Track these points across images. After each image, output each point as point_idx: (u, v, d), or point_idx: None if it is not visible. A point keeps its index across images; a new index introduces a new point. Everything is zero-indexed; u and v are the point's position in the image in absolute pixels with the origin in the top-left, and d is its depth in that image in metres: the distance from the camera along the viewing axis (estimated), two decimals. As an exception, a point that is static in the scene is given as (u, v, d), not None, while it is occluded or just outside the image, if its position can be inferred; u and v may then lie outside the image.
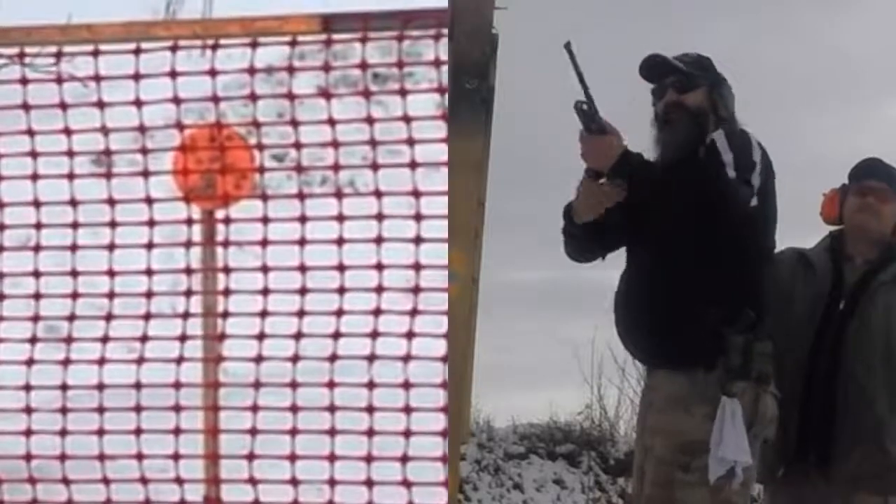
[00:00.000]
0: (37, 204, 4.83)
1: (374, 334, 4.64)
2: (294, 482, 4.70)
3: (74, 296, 4.82)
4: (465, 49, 4.58)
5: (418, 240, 4.63)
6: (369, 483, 4.64)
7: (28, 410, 4.82)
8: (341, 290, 4.69)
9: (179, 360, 4.78)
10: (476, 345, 4.81)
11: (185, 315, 4.82)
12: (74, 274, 4.82)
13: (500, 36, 4.76)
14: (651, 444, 4.45)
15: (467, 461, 11.49)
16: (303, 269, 4.71)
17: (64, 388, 4.82)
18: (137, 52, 4.68)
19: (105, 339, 4.80)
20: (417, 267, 4.63)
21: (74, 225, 4.82)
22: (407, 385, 4.62)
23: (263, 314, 4.73)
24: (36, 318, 4.84)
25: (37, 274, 4.85)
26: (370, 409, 4.63)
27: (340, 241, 4.69)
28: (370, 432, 4.64)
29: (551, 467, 12.00)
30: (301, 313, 4.71)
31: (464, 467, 11.24)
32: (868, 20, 16.47)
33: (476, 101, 4.59)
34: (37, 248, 4.85)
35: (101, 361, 4.80)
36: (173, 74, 4.68)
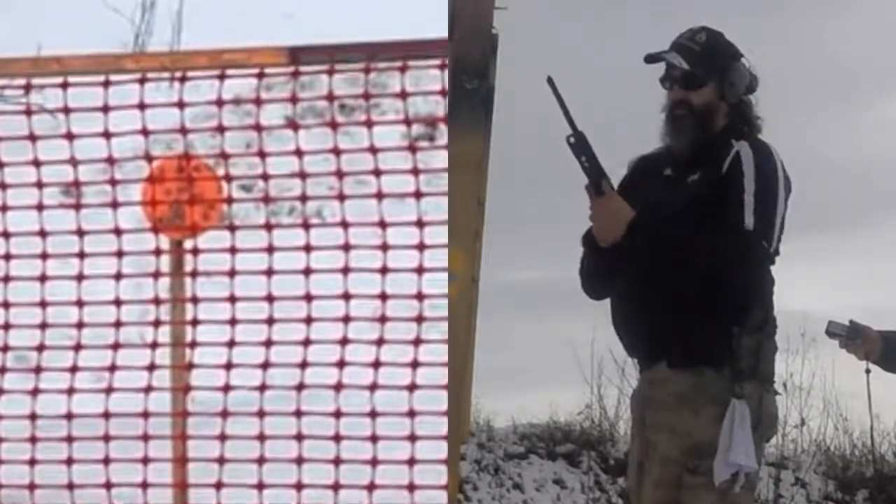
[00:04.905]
0: (6, 235, 4.87)
1: (341, 363, 4.68)
2: (262, 510, 4.73)
3: (44, 326, 4.85)
4: (465, 49, 4.58)
5: (385, 270, 4.67)
6: (336, 511, 4.68)
7: (-3, 440, 4.87)
8: (308, 320, 4.72)
9: (148, 389, 4.81)
10: (476, 345, 4.83)
11: (154, 345, 4.85)
12: (44, 304, 4.85)
13: (500, 36, 4.77)
14: (655, 441, 4.39)
15: (467, 461, 11.52)
16: (270, 298, 4.75)
17: (33, 417, 4.84)
18: (106, 84, 4.72)
19: (74, 369, 4.83)
20: (384, 297, 4.67)
21: (44, 255, 4.85)
22: (373, 414, 4.66)
23: (231, 344, 4.77)
24: (5, 349, 4.88)
25: (6, 304, 4.89)
26: (337, 438, 4.67)
27: (308, 271, 4.72)
28: (337, 461, 4.67)
29: (551, 467, 12.05)
30: (269, 343, 4.75)
31: (464, 467, 11.26)
32: (860, 23, 16.56)
33: (476, 101, 4.59)
34: (6, 279, 4.88)
35: (71, 391, 4.83)
36: (142, 106, 4.72)
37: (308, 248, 4.73)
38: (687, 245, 4.32)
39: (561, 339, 15.54)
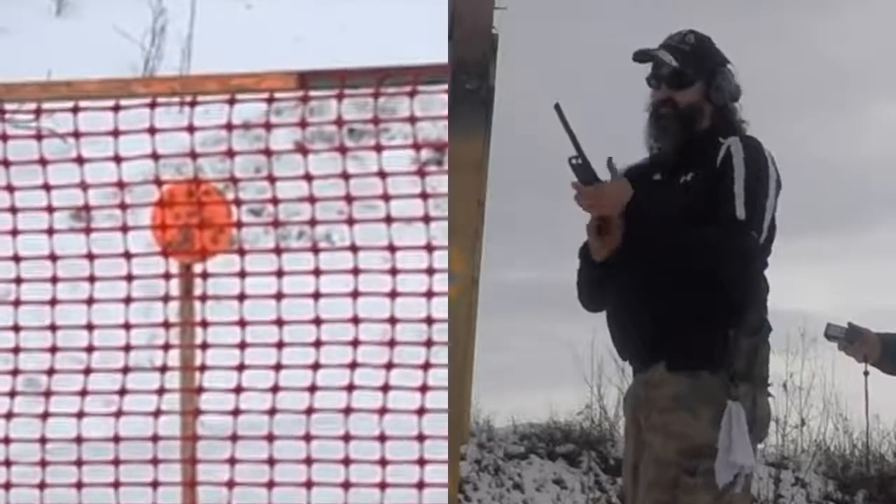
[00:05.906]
0: (17, 259, 4.87)
1: (350, 388, 4.69)
2: (271, 534, 4.75)
3: (53, 350, 4.87)
4: (465, 49, 4.59)
5: (394, 294, 4.68)
6: (346, 534, 4.70)
7: (7, 463, 4.87)
8: (318, 344, 4.74)
9: (157, 413, 4.82)
10: (476, 345, 4.83)
11: (163, 369, 4.86)
12: (54, 328, 4.87)
13: (500, 36, 4.77)
14: (650, 442, 4.39)
15: (467, 461, 11.56)
16: (279, 322, 4.77)
17: (43, 441, 4.85)
18: (116, 108, 4.72)
19: (84, 393, 4.85)
20: (393, 321, 4.68)
21: (54, 279, 4.86)
22: (383, 438, 4.67)
23: (240, 368, 4.78)
24: (15, 372, 4.88)
25: (16, 328, 4.89)
26: (346, 462, 4.69)
27: (317, 295, 4.73)
28: (346, 484, 4.68)
29: (551, 467, 12.10)
30: (278, 367, 4.76)
31: (464, 467, 11.31)
32: (855, 25, 16.59)
33: (476, 101, 4.60)
34: (16, 303, 4.90)
35: (80, 415, 4.84)
36: (152, 130, 4.73)
37: (317, 272, 4.74)
38: (679, 235, 4.32)
39: (561, 339, 15.59)
